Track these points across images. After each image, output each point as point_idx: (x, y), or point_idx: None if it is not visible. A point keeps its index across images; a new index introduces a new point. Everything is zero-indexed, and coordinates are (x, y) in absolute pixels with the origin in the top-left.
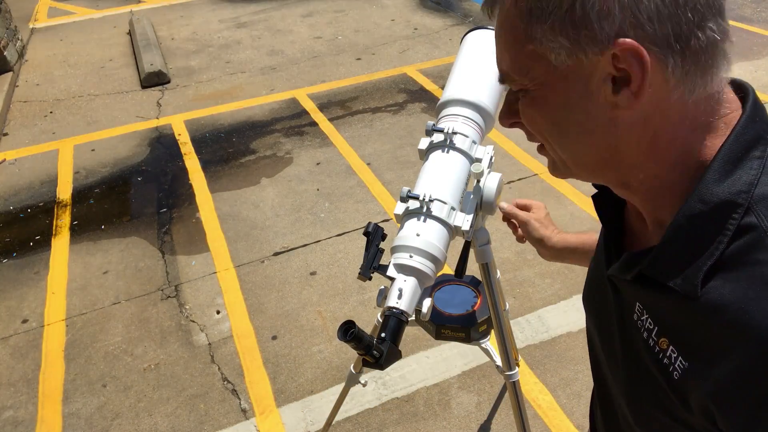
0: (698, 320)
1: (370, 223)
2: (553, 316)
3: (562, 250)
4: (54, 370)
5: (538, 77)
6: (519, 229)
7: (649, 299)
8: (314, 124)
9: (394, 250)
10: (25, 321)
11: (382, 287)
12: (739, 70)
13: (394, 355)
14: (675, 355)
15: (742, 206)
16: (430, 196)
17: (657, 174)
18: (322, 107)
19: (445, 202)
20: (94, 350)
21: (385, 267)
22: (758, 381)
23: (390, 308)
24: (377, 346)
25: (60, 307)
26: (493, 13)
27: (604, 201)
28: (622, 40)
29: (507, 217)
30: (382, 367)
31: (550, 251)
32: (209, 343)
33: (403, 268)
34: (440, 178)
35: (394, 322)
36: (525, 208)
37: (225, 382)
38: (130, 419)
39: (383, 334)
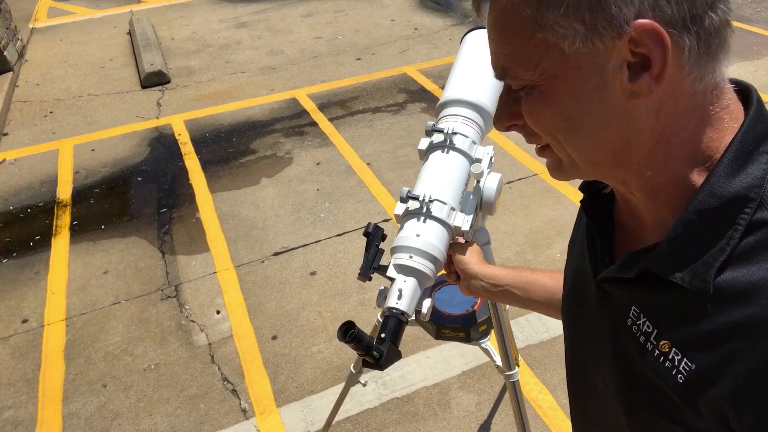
0: (707, 318)
1: (369, 223)
2: None
3: (500, 277)
4: (54, 370)
5: (549, 69)
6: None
7: (649, 300)
8: (314, 124)
9: (394, 250)
10: (25, 321)
11: (382, 287)
12: (739, 70)
13: (394, 356)
14: (679, 358)
15: (754, 201)
16: (430, 197)
17: (663, 168)
18: (322, 107)
19: (445, 203)
20: (94, 350)
21: (385, 267)
22: None
23: (390, 308)
24: (377, 347)
25: (60, 307)
26: (481, 8)
27: (592, 206)
28: (641, 21)
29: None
30: (381, 368)
31: (484, 281)
32: (209, 343)
33: (403, 269)
34: (440, 179)
35: (394, 322)
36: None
37: (225, 382)
38: (130, 419)
39: (383, 335)
